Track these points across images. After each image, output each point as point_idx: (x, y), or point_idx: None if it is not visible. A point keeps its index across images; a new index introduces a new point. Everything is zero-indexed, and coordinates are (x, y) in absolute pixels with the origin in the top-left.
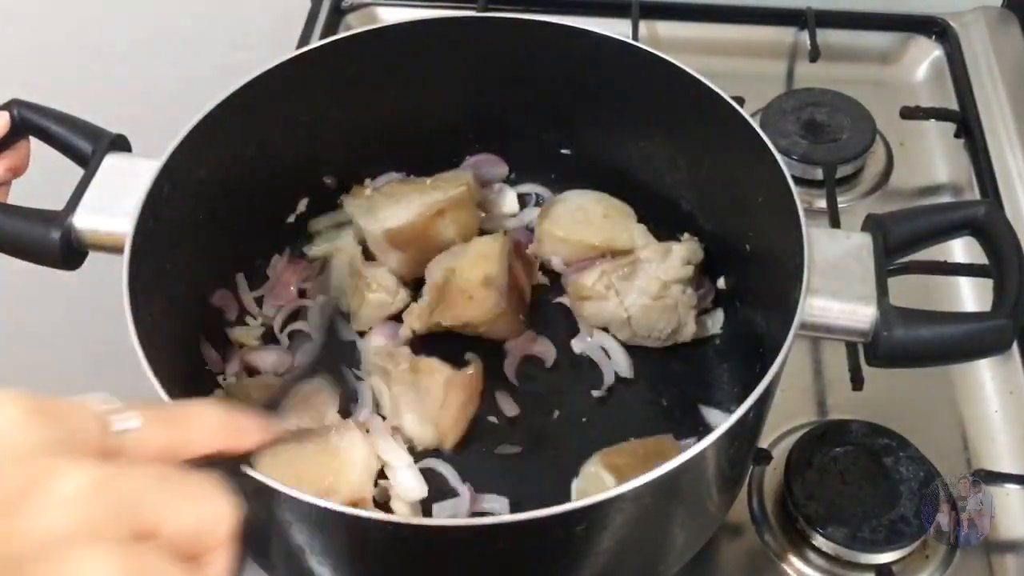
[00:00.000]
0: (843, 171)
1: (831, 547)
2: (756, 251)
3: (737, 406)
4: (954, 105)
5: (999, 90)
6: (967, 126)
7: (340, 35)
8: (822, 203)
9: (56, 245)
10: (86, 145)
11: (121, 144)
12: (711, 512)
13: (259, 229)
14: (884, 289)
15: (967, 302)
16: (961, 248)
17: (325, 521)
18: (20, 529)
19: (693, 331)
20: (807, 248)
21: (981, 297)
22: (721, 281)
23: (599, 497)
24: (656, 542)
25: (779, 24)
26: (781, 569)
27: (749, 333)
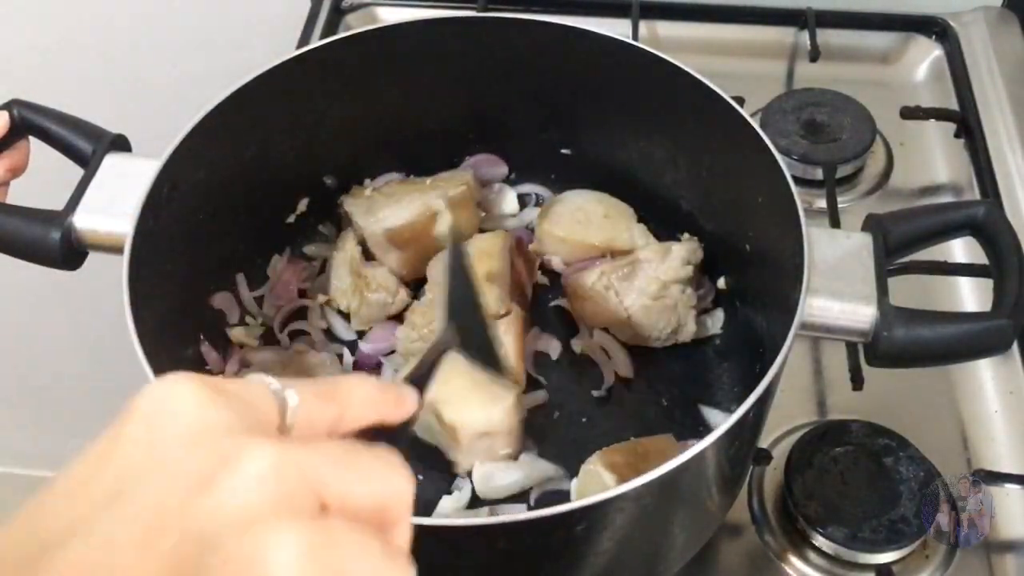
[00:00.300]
0: (843, 171)
1: (831, 547)
2: (756, 251)
3: (737, 406)
4: (954, 105)
5: (999, 90)
6: (967, 126)
7: (340, 35)
8: (822, 203)
9: (56, 245)
10: (86, 145)
11: (121, 144)
12: (711, 512)
13: (259, 229)
14: (884, 289)
15: (967, 302)
16: (961, 248)
17: None
18: (212, 506)
19: (693, 331)
20: (807, 248)
21: (981, 297)
22: (721, 281)
23: (599, 497)
24: (656, 542)
25: (779, 24)
26: (781, 569)
27: (749, 333)
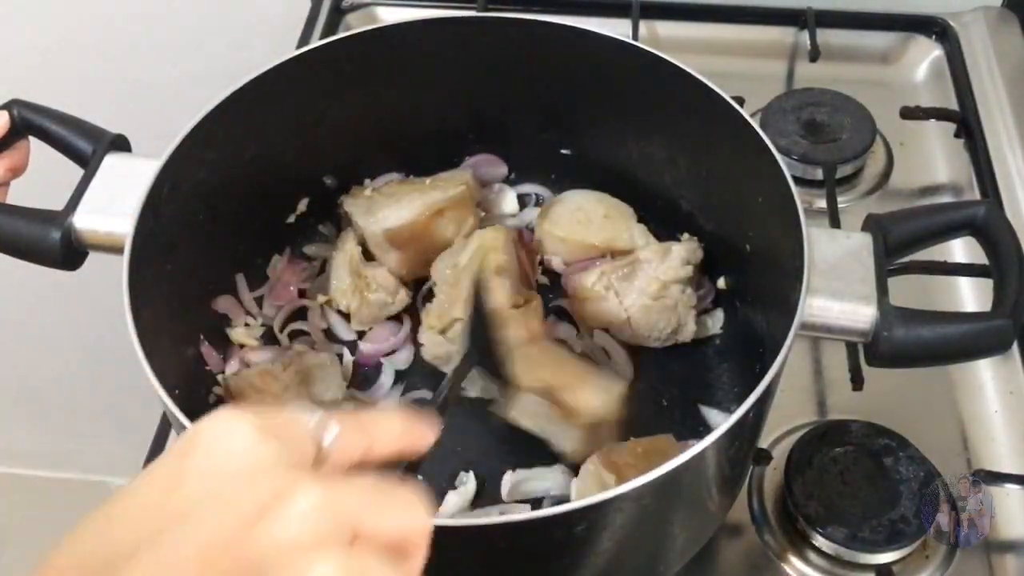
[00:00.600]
0: (843, 171)
1: (831, 547)
2: (756, 251)
3: (737, 406)
4: (954, 105)
5: (999, 90)
6: (967, 126)
7: (340, 35)
8: (822, 203)
9: (56, 245)
10: (86, 145)
11: (121, 144)
12: (711, 512)
13: (259, 229)
14: (884, 289)
15: (967, 302)
16: (961, 248)
17: None
18: (266, 535)
19: (693, 331)
20: (807, 248)
21: (981, 297)
22: (721, 281)
23: (599, 497)
24: (656, 542)
25: (779, 24)
26: (781, 569)
27: (749, 333)
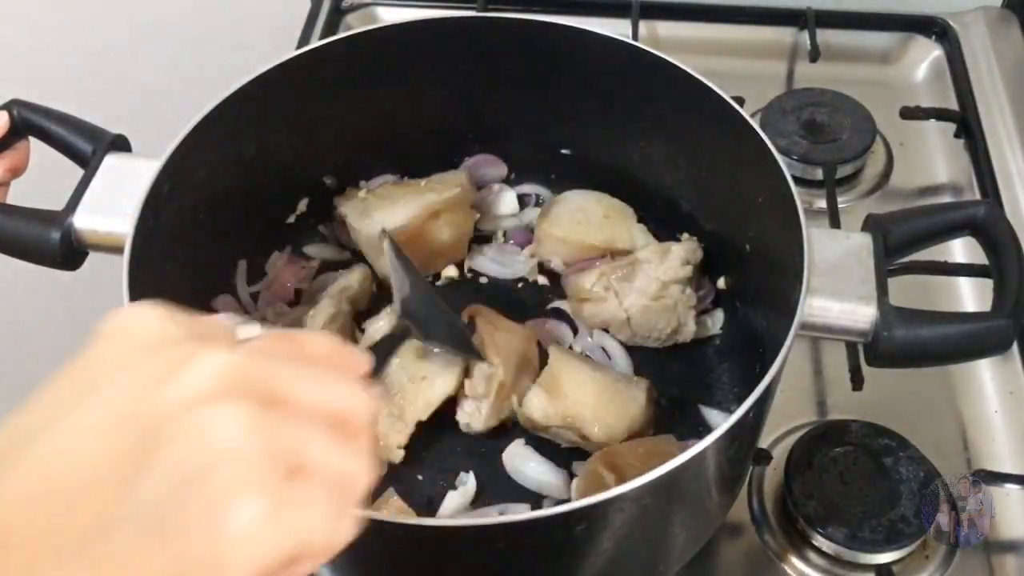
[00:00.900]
0: (843, 171)
1: (831, 547)
2: (756, 251)
3: (737, 406)
4: (954, 105)
5: (999, 90)
6: (967, 126)
7: (340, 35)
8: (822, 203)
9: (56, 245)
10: (86, 145)
11: (121, 144)
12: (711, 512)
13: (259, 229)
14: (884, 289)
15: (967, 302)
16: (961, 248)
17: None
18: (169, 394)
19: (693, 331)
20: (807, 248)
21: (981, 297)
22: (721, 281)
23: (599, 497)
24: (656, 542)
25: (779, 24)
26: (781, 569)
27: (749, 333)
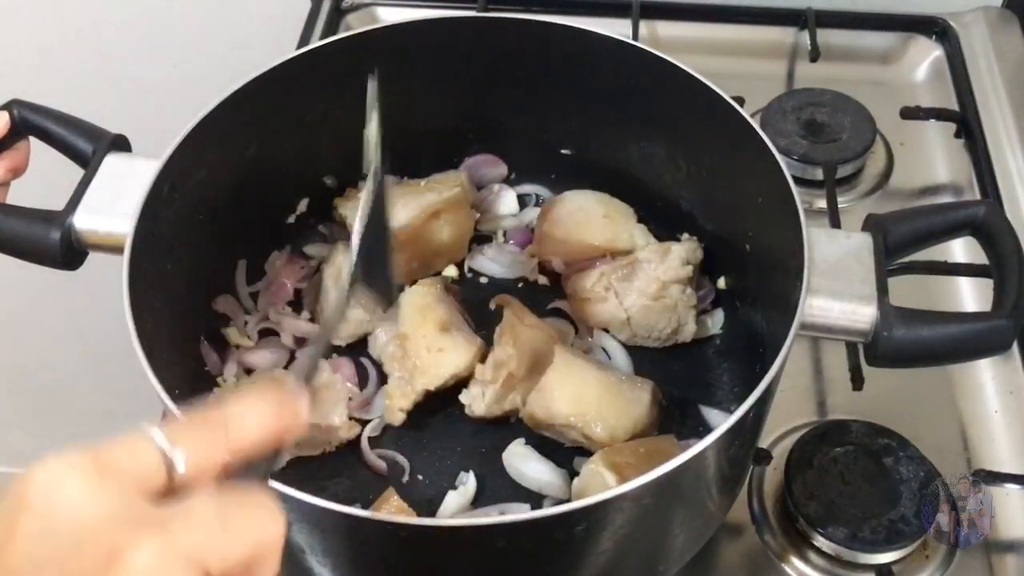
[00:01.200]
0: (843, 171)
1: (831, 547)
2: (756, 251)
3: (737, 406)
4: (954, 105)
5: (999, 90)
6: (967, 126)
7: (340, 35)
8: (822, 203)
9: (56, 245)
10: (86, 145)
11: (121, 144)
12: (711, 512)
13: (259, 229)
14: (884, 289)
15: (967, 302)
16: (961, 248)
17: (324, 521)
18: None
19: (693, 331)
20: (807, 248)
21: (981, 297)
22: (721, 281)
23: (599, 497)
24: (656, 542)
25: (779, 24)
26: (781, 569)
27: (749, 333)
